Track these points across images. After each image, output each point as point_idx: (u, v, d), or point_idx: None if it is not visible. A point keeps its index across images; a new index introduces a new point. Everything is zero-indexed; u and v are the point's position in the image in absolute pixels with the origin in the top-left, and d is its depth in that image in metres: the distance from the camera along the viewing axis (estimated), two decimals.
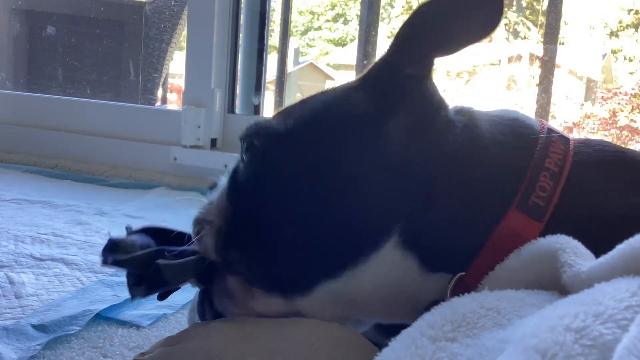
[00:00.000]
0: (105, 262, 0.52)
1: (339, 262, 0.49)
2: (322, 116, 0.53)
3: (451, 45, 0.50)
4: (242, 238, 0.52)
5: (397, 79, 0.51)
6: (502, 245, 0.47)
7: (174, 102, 2.75)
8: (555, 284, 0.38)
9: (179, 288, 0.67)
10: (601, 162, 0.50)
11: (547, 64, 2.17)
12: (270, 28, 1.87)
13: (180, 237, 0.57)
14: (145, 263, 0.51)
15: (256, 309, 0.52)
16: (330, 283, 0.49)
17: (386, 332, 0.49)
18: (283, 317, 0.51)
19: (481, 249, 0.47)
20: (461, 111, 0.54)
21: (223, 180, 0.57)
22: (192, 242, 0.55)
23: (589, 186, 0.48)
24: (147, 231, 0.56)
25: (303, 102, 0.56)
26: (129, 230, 0.56)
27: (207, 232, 0.54)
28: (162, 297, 0.67)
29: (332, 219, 0.49)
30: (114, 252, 0.52)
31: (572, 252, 0.38)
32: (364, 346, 0.48)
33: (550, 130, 0.52)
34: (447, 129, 0.51)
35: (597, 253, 0.39)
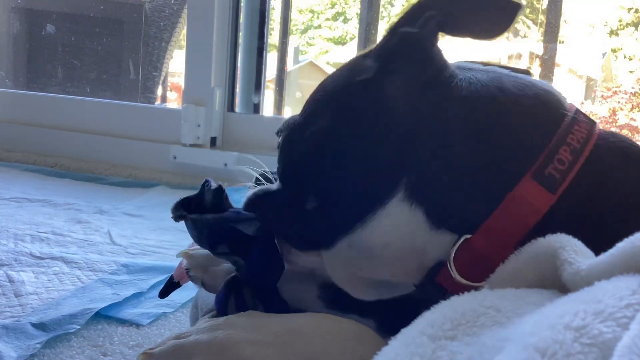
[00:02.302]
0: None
1: (352, 217, 0.51)
2: (330, 89, 0.56)
3: (456, 26, 0.51)
4: (284, 211, 0.57)
5: (395, 39, 0.53)
6: (512, 212, 0.46)
7: (173, 101, 2.75)
8: (556, 282, 0.38)
9: (179, 286, 0.67)
10: (624, 151, 0.50)
11: (547, 63, 2.17)
12: (270, 26, 1.87)
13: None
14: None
15: (298, 262, 0.58)
16: (347, 237, 0.52)
17: (387, 331, 0.50)
18: (317, 270, 0.58)
19: (491, 213, 0.47)
20: (484, 73, 0.53)
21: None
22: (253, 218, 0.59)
23: (607, 169, 0.48)
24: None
25: (321, 84, 0.59)
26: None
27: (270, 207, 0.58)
28: (163, 295, 0.67)
29: (344, 179, 0.52)
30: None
31: (572, 250, 0.38)
32: (373, 338, 0.49)
33: (579, 112, 0.51)
34: (465, 86, 0.51)
35: (602, 236, 0.39)
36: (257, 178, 0.64)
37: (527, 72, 0.57)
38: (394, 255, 0.51)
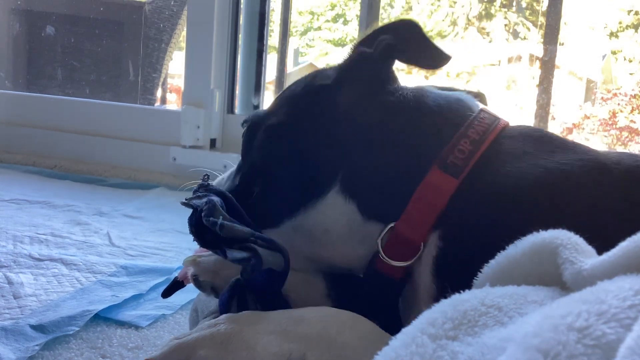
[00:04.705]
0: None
1: (295, 203, 0.61)
2: (293, 88, 0.66)
3: (404, 52, 0.62)
4: (239, 193, 0.64)
5: (353, 56, 0.63)
6: (425, 197, 0.55)
7: (173, 102, 2.75)
8: (556, 279, 0.38)
9: (184, 285, 0.67)
10: (525, 136, 0.58)
11: (547, 65, 2.17)
12: (269, 28, 1.87)
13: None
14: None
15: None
16: (291, 221, 0.61)
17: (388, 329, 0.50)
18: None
19: (408, 201, 0.56)
20: (413, 90, 0.63)
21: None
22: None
23: (508, 151, 0.56)
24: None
25: (290, 84, 0.68)
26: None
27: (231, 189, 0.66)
28: (166, 295, 0.67)
29: (289, 169, 0.61)
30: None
31: (573, 249, 0.38)
32: (368, 324, 0.51)
33: (484, 112, 0.60)
34: (394, 100, 0.61)
35: (493, 214, 0.50)
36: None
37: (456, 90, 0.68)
38: (332, 240, 0.60)
